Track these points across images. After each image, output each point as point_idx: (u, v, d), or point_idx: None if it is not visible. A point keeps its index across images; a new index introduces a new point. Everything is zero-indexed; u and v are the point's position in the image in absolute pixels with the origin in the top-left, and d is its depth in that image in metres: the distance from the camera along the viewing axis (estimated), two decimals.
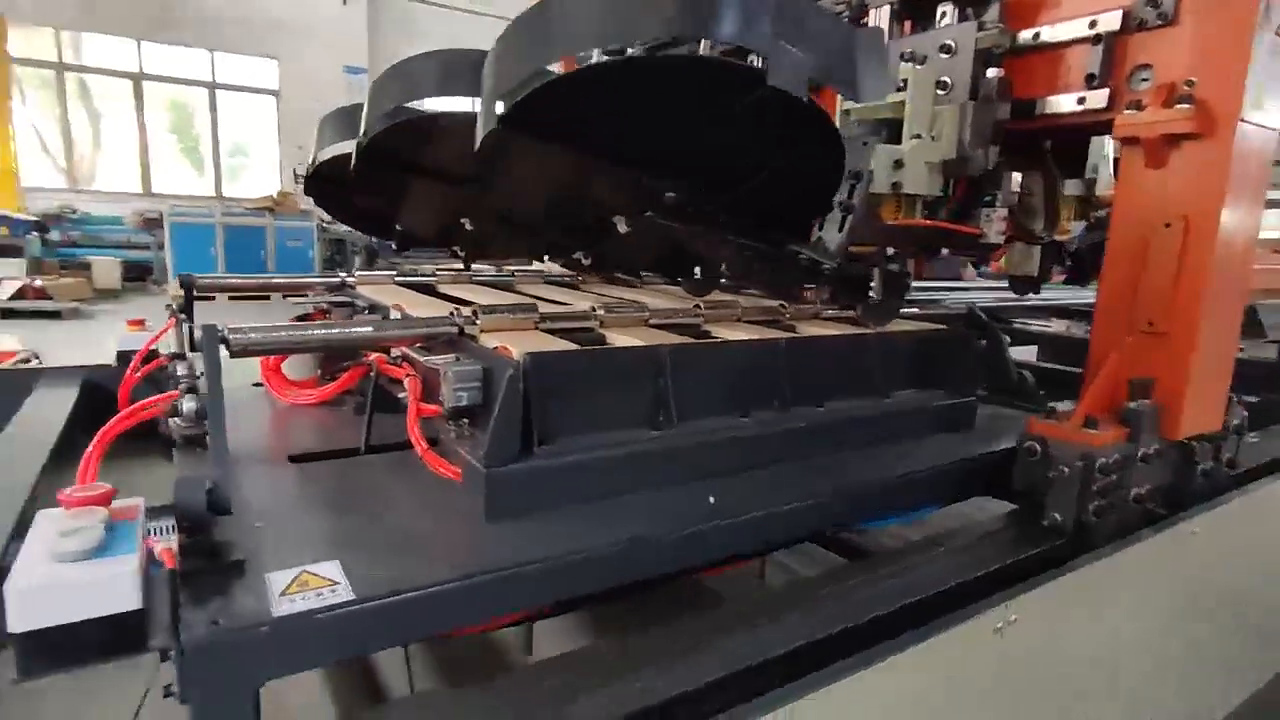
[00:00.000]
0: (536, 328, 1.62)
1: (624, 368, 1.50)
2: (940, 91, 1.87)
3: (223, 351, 1.29)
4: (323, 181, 2.55)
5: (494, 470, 1.30)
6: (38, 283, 10.07)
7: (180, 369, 2.07)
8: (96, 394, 2.29)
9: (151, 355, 2.10)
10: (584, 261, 2.43)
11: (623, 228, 1.66)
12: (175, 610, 0.94)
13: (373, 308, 2.10)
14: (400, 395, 1.67)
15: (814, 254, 1.74)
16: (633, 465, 1.46)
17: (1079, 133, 2.07)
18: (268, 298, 2.41)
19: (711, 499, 1.44)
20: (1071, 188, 2.31)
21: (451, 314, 1.55)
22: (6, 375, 2.67)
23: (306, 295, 2.47)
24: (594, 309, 1.72)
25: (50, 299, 9.86)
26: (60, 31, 13.76)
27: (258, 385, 2.17)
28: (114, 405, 2.05)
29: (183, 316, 2.19)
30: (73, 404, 2.16)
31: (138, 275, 13.08)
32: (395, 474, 1.53)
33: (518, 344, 1.45)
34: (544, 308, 1.78)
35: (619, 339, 1.64)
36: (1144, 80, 1.74)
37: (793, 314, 2.02)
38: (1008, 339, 2.49)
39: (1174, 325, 1.70)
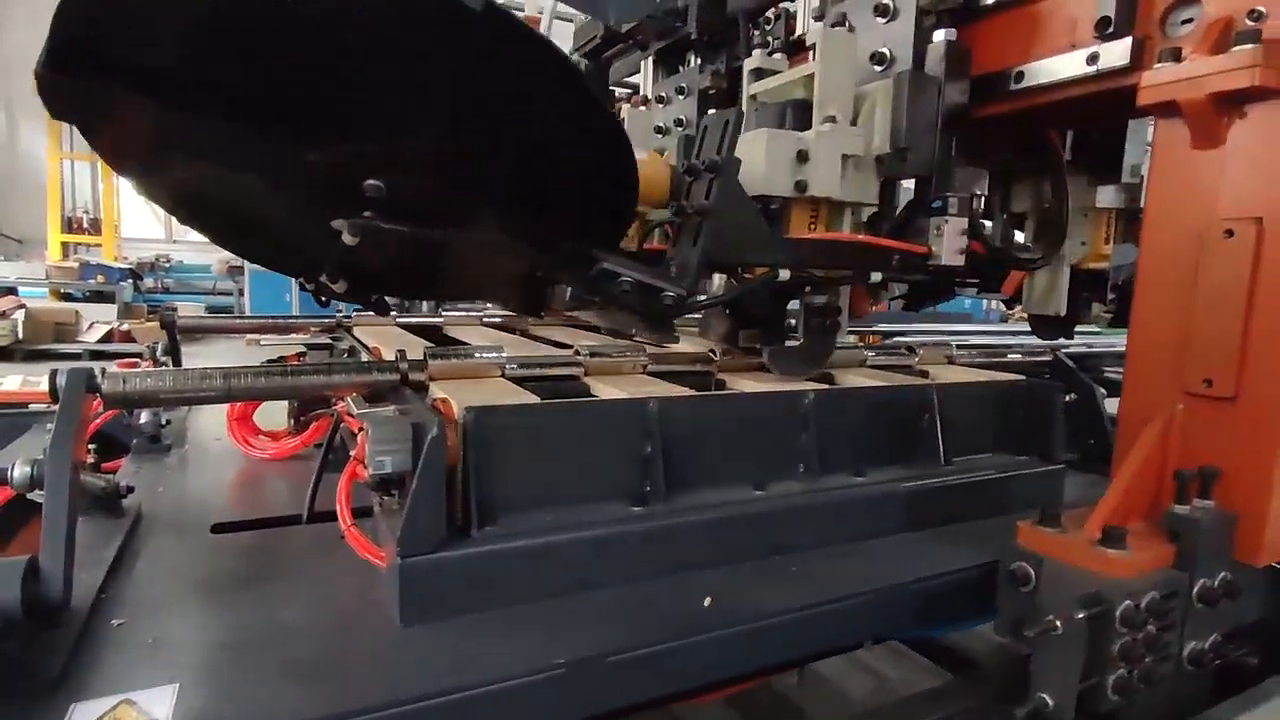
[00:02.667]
0: (503, 375, 1.34)
1: (600, 426, 1.20)
2: (877, 66, 1.46)
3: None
4: None
5: (411, 560, 1.01)
6: (124, 326, 10.58)
7: (144, 416, 1.90)
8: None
9: None
10: (335, 286, 1.50)
11: (349, 237, 1.12)
12: None
13: (351, 350, 1.88)
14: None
15: (648, 278, 1.26)
16: (604, 552, 1.14)
17: (1098, 115, 1.53)
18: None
19: (708, 600, 1.11)
20: (1106, 197, 1.78)
21: (397, 357, 1.28)
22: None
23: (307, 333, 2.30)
24: (578, 352, 1.43)
25: (134, 341, 10.32)
26: None
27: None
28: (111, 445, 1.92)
29: (163, 359, 2.02)
30: None
31: None
32: (324, 554, 1.25)
33: (471, 395, 1.17)
34: (524, 351, 1.51)
35: (606, 390, 1.33)
36: (1186, 20, 1.22)
37: (832, 360, 1.68)
38: (1103, 391, 1.96)
39: (1247, 384, 1.10)
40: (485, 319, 2.51)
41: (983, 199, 1.97)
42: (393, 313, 2.35)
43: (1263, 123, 1.08)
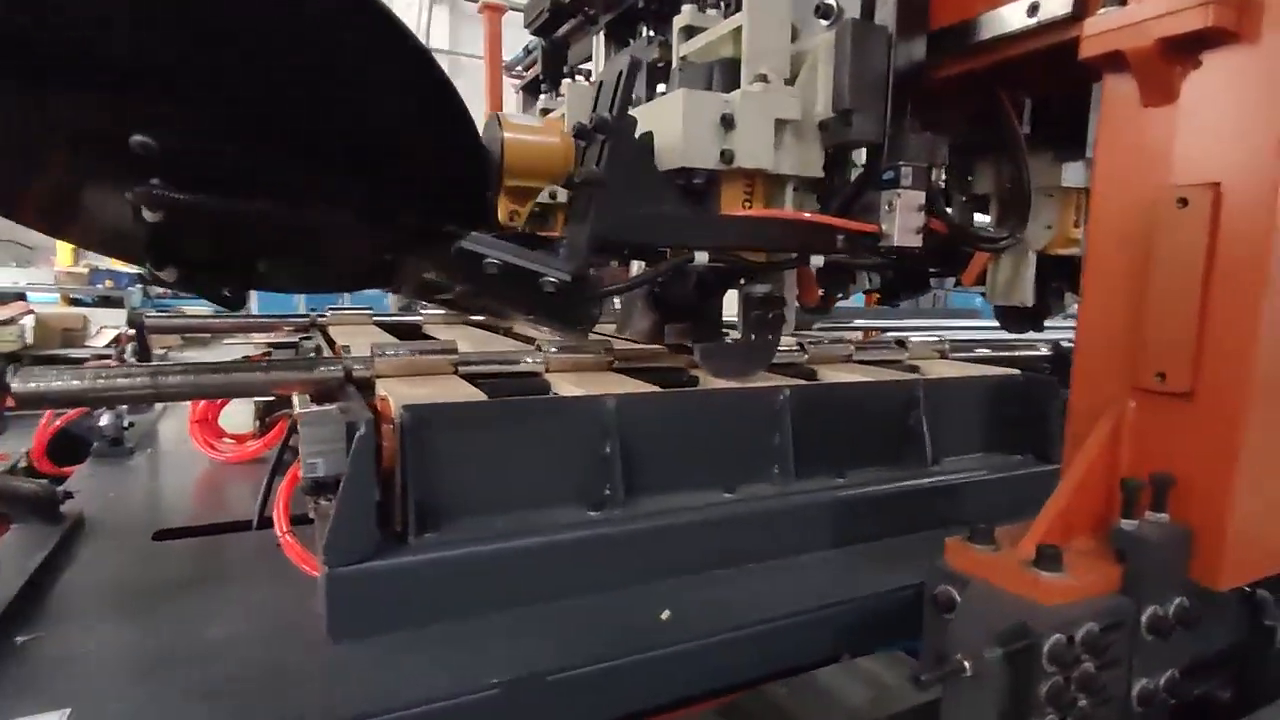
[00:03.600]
0: (456, 372, 1.26)
1: (554, 426, 1.12)
2: (823, 20, 1.28)
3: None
4: None
5: (338, 570, 0.93)
6: (132, 331, 10.62)
7: (105, 419, 1.84)
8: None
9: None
10: (162, 274, 1.17)
11: (149, 213, 0.90)
12: None
13: (318, 350, 1.81)
14: None
15: (519, 259, 1.09)
16: (555, 561, 1.06)
17: (1052, 77, 1.32)
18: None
19: (665, 613, 1.03)
20: (1072, 175, 1.59)
21: (341, 352, 1.21)
22: None
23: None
24: (538, 347, 1.35)
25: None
26: None
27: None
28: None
29: (132, 360, 1.97)
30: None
31: None
32: (266, 562, 1.17)
33: (414, 393, 1.10)
34: (488, 346, 1.43)
35: (567, 388, 1.26)
36: None
37: (814, 355, 1.59)
38: None
39: (1204, 378, 0.93)
40: (469, 319, 2.44)
41: (942, 171, 1.71)
42: (370, 309, 2.29)
43: (1219, 72, 0.91)
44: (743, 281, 1.36)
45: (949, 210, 1.52)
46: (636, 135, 1.17)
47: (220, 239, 1.12)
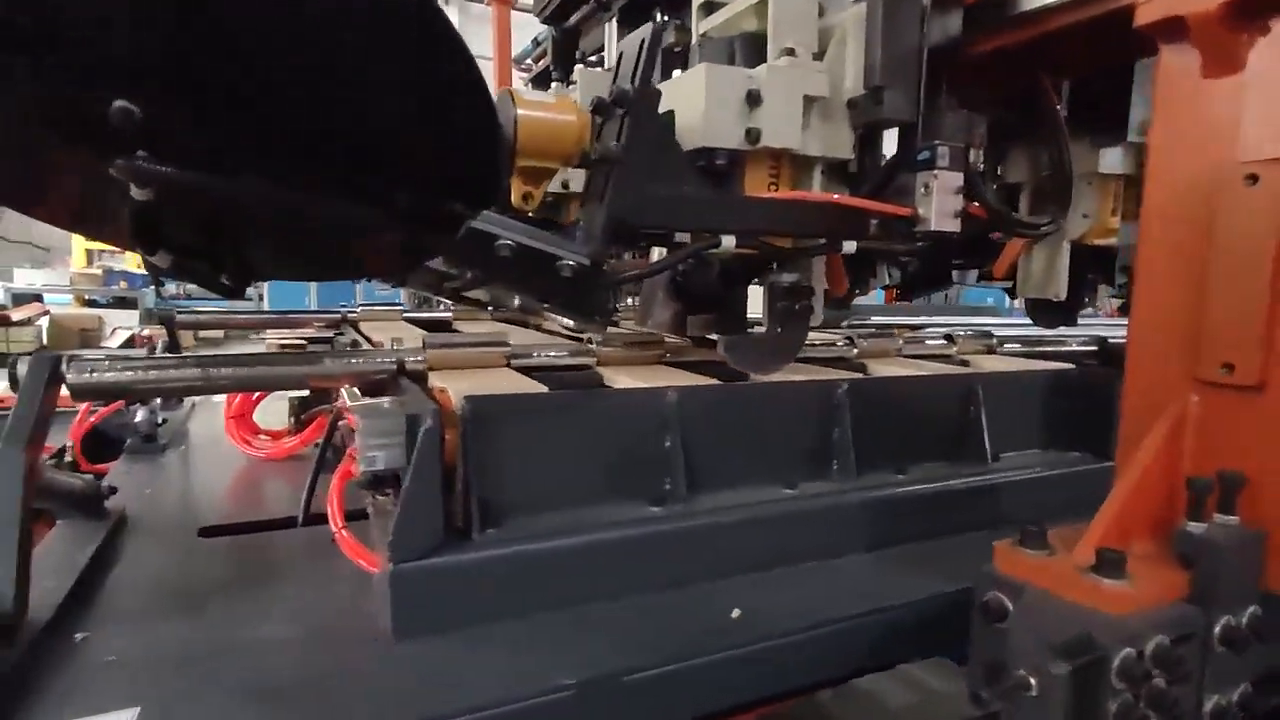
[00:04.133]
0: (508, 364, 1.23)
1: (613, 418, 1.09)
2: None
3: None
4: None
5: (404, 566, 0.90)
6: (145, 332, 10.66)
7: (140, 414, 1.82)
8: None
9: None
10: (155, 260, 1.02)
11: (138, 191, 0.82)
12: None
13: (353, 344, 1.78)
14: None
15: (533, 241, 1.02)
16: (620, 558, 1.02)
17: (1097, 53, 1.28)
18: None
19: (736, 612, 0.99)
20: (1111, 161, 1.50)
21: (392, 344, 1.18)
22: None
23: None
24: (590, 340, 1.32)
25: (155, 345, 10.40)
26: None
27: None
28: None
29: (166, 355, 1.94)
30: None
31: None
32: (317, 559, 1.15)
33: (473, 385, 1.07)
34: (533, 339, 1.40)
35: (621, 381, 1.22)
36: None
37: (863, 350, 1.56)
38: None
39: (1277, 370, 0.86)
40: (495, 314, 2.41)
41: (981, 152, 1.65)
42: (399, 305, 2.26)
43: None
44: (770, 269, 1.28)
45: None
46: (659, 111, 1.10)
47: (213, 221, 1.02)
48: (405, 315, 2.26)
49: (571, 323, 1.69)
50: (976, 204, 1.32)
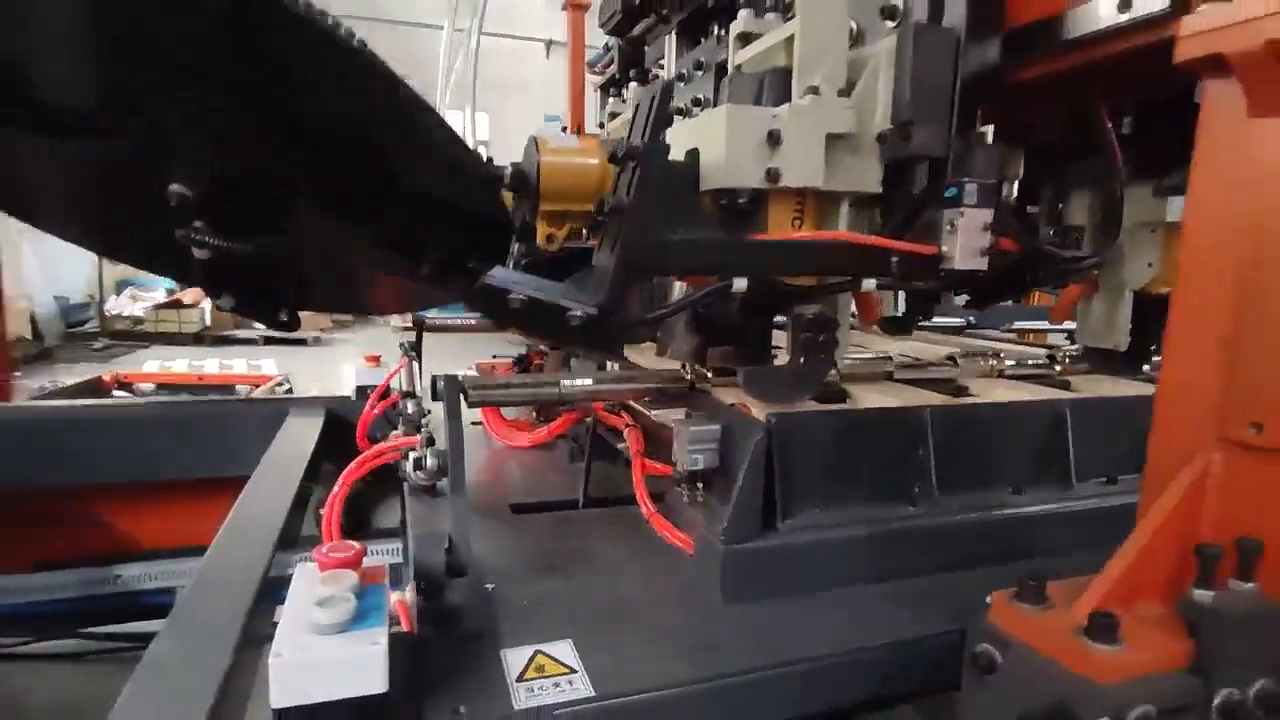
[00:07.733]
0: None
1: (879, 432, 1.30)
2: (889, 21, 1.20)
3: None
4: None
5: (734, 547, 1.16)
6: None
7: (409, 406, 2.17)
8: (337, 424, 2.44)
9: (385, 393, 2.22)
10: (219, 302, 1.15)
11: (200, 252, 0.94)
12: (415, 692, 0.88)
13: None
14: (620, 446, 1.60)
15: (541, 294, 1.08)
16: (891, 547, 1.25)
17: (1152, 85, 1.20)
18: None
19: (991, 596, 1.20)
20: (1178, 209, 1.43)
21: (684, 366, 1.43)
22: (271, 402, 3.05)
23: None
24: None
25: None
26: None
27: (476, 424, 2.20)
28: (352, 436, 2.21)
29: (413, 355, 2.30)
30: (318, 433, 2.32)
31: None
32: (617, 534, 1.43)
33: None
34: None
35: (865, 397, 1.44)
36: None
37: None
38: None
39: None
40: None
41: (1015, 185, 1.59)
42: None
43: None
44: (794, 301, 1.29)
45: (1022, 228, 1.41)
46: (682, 154, 1.17)
47: (267, 272, 1.13)
48: None
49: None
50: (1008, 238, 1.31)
